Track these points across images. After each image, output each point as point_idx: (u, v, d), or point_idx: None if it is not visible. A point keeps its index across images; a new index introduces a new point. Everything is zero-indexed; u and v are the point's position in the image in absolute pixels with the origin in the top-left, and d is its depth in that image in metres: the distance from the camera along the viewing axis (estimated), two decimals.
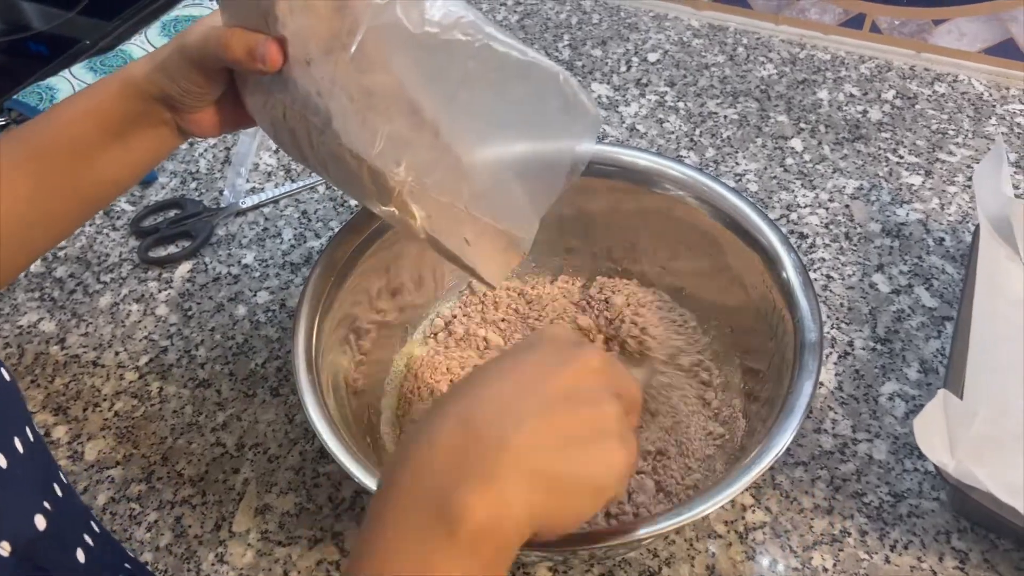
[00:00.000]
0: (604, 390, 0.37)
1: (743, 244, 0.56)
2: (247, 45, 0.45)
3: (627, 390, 0.38)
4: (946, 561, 0.52)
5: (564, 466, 0.34)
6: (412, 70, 0.45)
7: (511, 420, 0.34)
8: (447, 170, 0.47)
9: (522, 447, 0.34)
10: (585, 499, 0.35)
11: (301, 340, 0.52)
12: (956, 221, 0.73)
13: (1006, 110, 0.83)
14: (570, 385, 0.36)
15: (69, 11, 1.03)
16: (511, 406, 0.35)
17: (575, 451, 0.34)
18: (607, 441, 0.35)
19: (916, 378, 0.62)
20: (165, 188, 0.82)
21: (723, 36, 0.94)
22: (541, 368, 0.37)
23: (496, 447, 0.34)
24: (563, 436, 0.34)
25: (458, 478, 0.33)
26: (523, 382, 0.36)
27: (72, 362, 0.67)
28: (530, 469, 0.33)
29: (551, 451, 0.34)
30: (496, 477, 0.33)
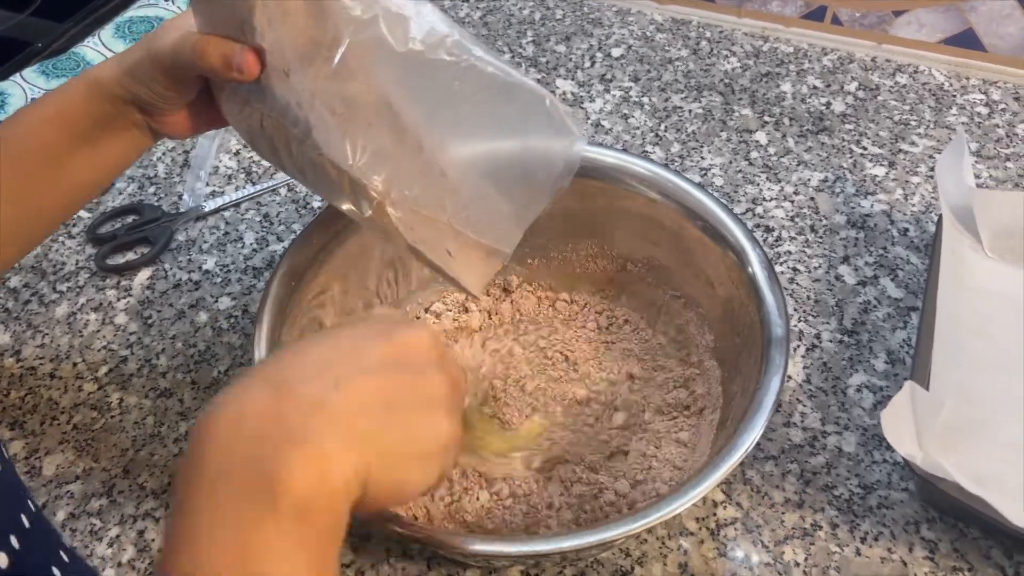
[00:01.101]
0: (433, 364, 0.36)
1: (709, 240, 0.56)
2: (223, 54, 0.44)
3: (453, 371, 0.37)
4: (916, 551, 0.52)
5: (388, 429, 0.33)
6: (395, 85, 0.44)
7: (330, 380, 0.32)
8: (430, 184, 0.47)
9: (342, 406, 0.32)
10: (412, 465, 0.34)
11: (263, 347, 0.51)
12: (920, 211, 0.73)
13: (966, 100, 0.83)
14: (395, 354, 0.35)
15: (20, 13, 1.01)
16: (330, 367, 0.33)
17: (399, 415, 0.33)
18: (433, 409, 0.34)
19: (883, 369, 0.62)
20: (122, 193, 0.80)
21: (686, 30, 0.94)
22: (364, 337, 0.35)
23: (313, 407, 0.31)
24: (386, 399, 0.33)
25: (274, 444, 0.30)
26: (344, 348, 0.34)
27: (28, 374, 0.65)
28: (352, 433, 0.32)
29: (373, 416, 0.32)
30: (315, 438, 0.31)
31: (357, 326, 0.37)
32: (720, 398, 0.55)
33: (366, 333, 0.36)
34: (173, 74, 0.47)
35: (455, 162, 0.47)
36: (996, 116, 0.81)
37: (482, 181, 0.48)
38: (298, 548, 0.30)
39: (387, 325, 0.37)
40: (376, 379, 0.33)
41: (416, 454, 0.34)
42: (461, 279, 0.50)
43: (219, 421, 0.32)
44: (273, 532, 0.30)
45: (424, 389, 0.35)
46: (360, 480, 0.32)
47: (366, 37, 0.43)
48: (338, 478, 0.31)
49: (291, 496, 0.30)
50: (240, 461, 0.31)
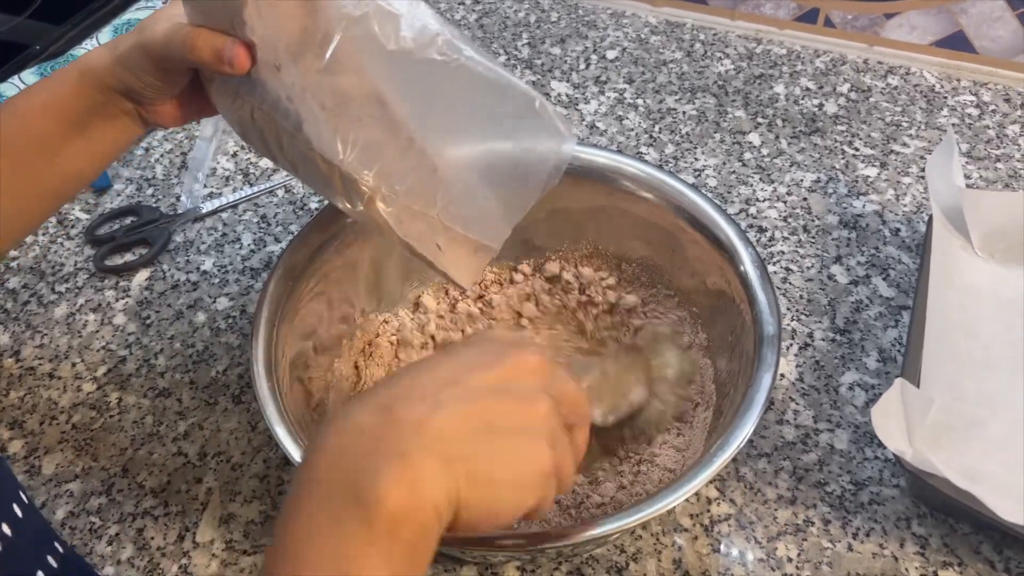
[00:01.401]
0: (538, 389, 0.36)
1: (703, 240, 0.56)
2: (214, 47, 0.44)
3: (567, 395, 0.37)
4: (907, 547, 0.53)
5: (484, 456, 0.33)
6: (387, 82, 0.45)
7: (430, 404, 0.33)
8: (420, 179, 0.47)
9: (440, 430, 0.33)
10: (506, 493, 0.34)
11: (261, 346, 0.51)
12: (911, 211, 0.74)
13: (957, 101, 0.84)
14: (501, 380, 0.35)
15: (18, 16, 1.01)
16: (433, 393, 0.34)
17: (497, 442, 0.34)
18: (533, 439, 0.34)
19: (875, 367, 0.63)
20: (121, 195, 0.80)
21: (680, 32, 0.95)
22: (473, 362, 0.36)
23: (413, 430, 0.32)
24: (485, 426, 0.34)
25: (374, 462, 0.32)
26: (451, 373, 0.35)
27: (27, 374, 0.66)
28: (448, 454, 0.32)
29: (471, 439, 0.33)
30: (412, 459, 0.32)
31: (471, 348, 0.37)
32: (713, 396, 0.56)
33: (477, 356, 0.36)
34: (163, 65, 0.47)
35: (446, 158, 0.47)
36: (987, 117, 0.82)
37: (472, 178, 0.49)
38: (387, 561, 0.31)
39: (500, 348, 0.37)
40: (478, 404, 0.34)
41: (511, 480, 0.34)
42: (450, 272, 0.51)
43: (330, 437, 0.34)
44: (365, 543, 0.31)
45: (526, 419, 0.35)
46: (451, 502, 0.32)
47: (357, 34, 0.43)
48: (428, 497, 0.32)
49: (383, 510, 0.31)
50: (342, 474, 0.32)
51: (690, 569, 0.53)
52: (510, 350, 0.37)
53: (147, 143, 0.85)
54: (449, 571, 0.53)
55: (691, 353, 0.51)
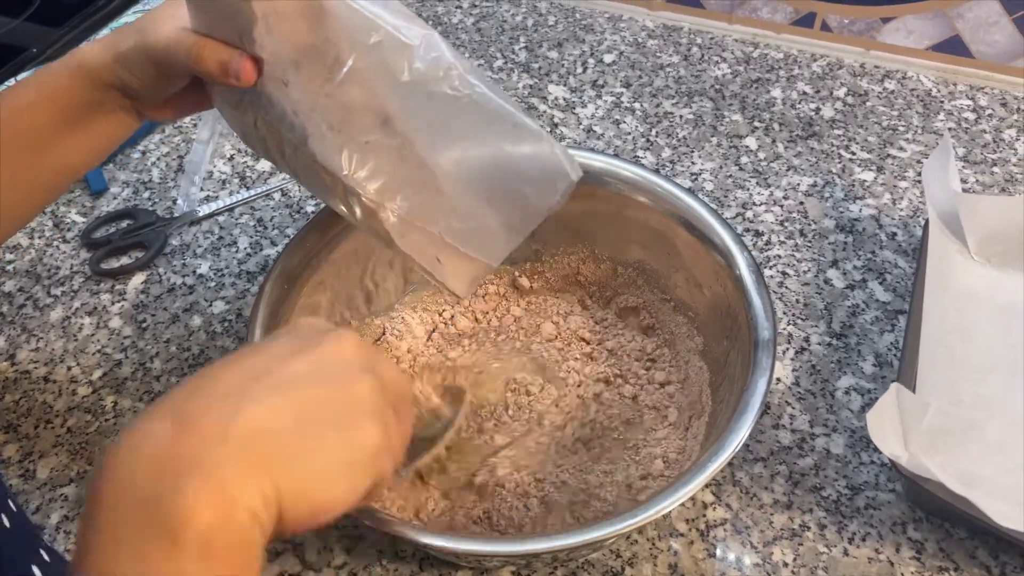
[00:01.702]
0: (357, 368, 0.34)
1: (699, 244, 0.56)
2: (220, 60, 0.44)
3: (388, 376, 0.36)
4: (903, 551, 0.53)
5: (302, 447, 0.31)
6: (396, 109, 0.45)
7: (231, 407, 0.31)
8: (424, 198, 0.48)
9: (245, 433, 0.30)
10: (335, 479, 0.32)
11: None
12: (908, 216, 0.74)
13: (953, 105, 0.84)
14: (312, 366, 0.33)
15: (16, 18, 1.01)
16: (234, 393, 0.31)
17: (316, 431, 0.32)
18: (355, 417, 0.33)
19: (871, 372, 0.63)
20: (117, 198, 0.80)
21: (677, 36, 0.95)
22: (283, 352, 0.34)
23: (214, 437, 0.30)
24: (299, 416, 0.32)
25: (172, 479, 0.29)
26: (255, 368, 0.33)
27: (22, 378, 0.66)
28: (258, 455, 0.30)
29: (283, 433, 0.31)
30: (215, 470, 0.29)
31: (277, 341, 0.35)
32: (709, 400, 0.56)
33: (284, 348, 0.34)
34: (165, 69, 0.47)
35: (451, 181, 0.47)
36: (983, 122, 0.82)
37: (476, 200, 0.49)
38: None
39: (307, 336, 0.35)
40: (287, 396, 0.32)
41: (337, 467, 0.32)
42: (448, 283, 0.51)
43: (119, 455, 0.30)
44: (175, 571, 0.28)
45: (344, 398, 0.33)
46: (271, 506, 0.30)
47: (370, 62, 0.43)
48: (243, 509, 0.29)
49: (192, 532, 0.28)
50: (139, 497, 0.29)
51: (686, 574, 0.53)
52: (325, 335, 0.35)
53: (144, 146, 0.85)
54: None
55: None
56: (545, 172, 0.48)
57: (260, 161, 0.83)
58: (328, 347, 0.34)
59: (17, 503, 0.43)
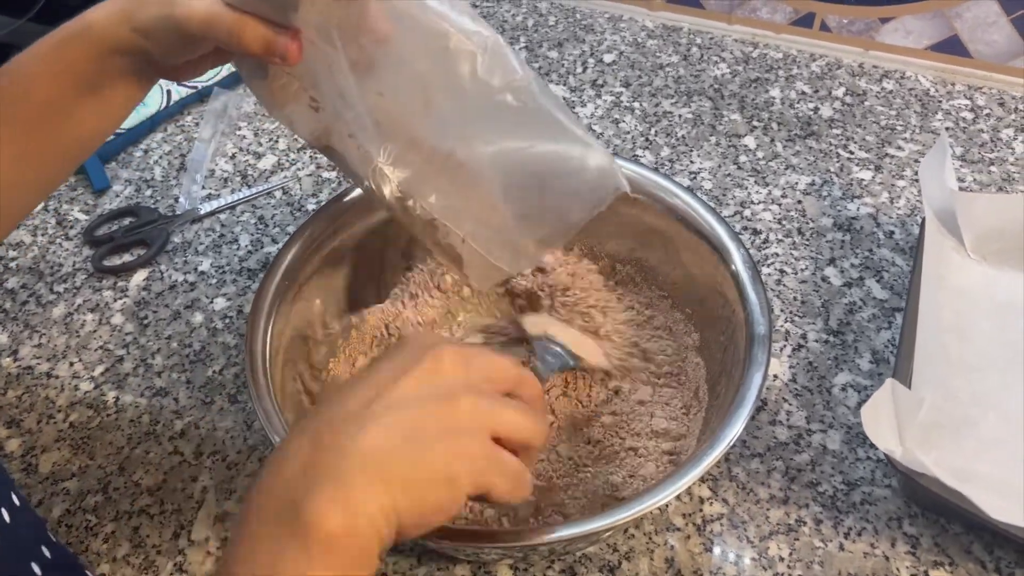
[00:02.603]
0: (457, 386, 0.37)
1: (696, 241, 0.57)
2: (264, 39, 0.43)
3: (491, 371, 0.39)
4: (898, 546, 0.53)
5: (411, 463, 0.35)
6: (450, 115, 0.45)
7: (354, 427, 0.35)
8: (457, 201, 0.48)
9: (366, 450, 0.34)
10: (440, 491, 0.35)
11: (256, 346, 0.52)
12: (905, 214, 0.74)
13: (951, 105, 0.85)
14: (419, 385, 0.37)
15: (19, 18, 1.02)
16: (356, 414, 0.36)
17: (422, 448, 0.35)
18: (456, 436, 0.36)
19: (868, 369, 0.63)
20: (119, 196, 0.81)
21: (677, 36, 0.95)
22: (390, 375, 0.37)
23: (339, 453, 0.34)
24: (407, 435, 0.35)
25: (307, 486, 0.33)
26: (372, 389, 0.37)
27: (25, 374, 0.66)
28: (377, 470, 0.34)
29: (396, 451, 0.35)
30: (342, 481, 0.33)
31: (388, 360, 0.38)
32: (705, 396, 0.56)
33: (393, 367, 0.37)
34: (193, 43, 0.45)
35: (491, 191, 0.47)
36: (981, 121, 0.83)
37: (512, 215, 0.49)
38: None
39: (413, 353, 0.38)
40: (400, 415, 0.36)
41: (442, 481, 0.35)
42: (470, 277, 0.52)
43: (265, 472, 0.35)
44: (303, 564, 0.32)
45: (447, 419, 0.36)
46: (388, 516, 0.34)
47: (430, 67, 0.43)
48: (363, 515, 0.33)
49: (319, 532, 0.32)
50: (279, 499, 0.34)
51: (682, 568, 0.53)
52: (424, 353, 0.38)
53: (146, 145, 0.86)
54: (443, 569, 0.53)
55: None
56: (595, 184, 0.47)
57: (261, 159, 0.83)
58: (427, 366, 0.37)
59: (21, 496, 0.43)
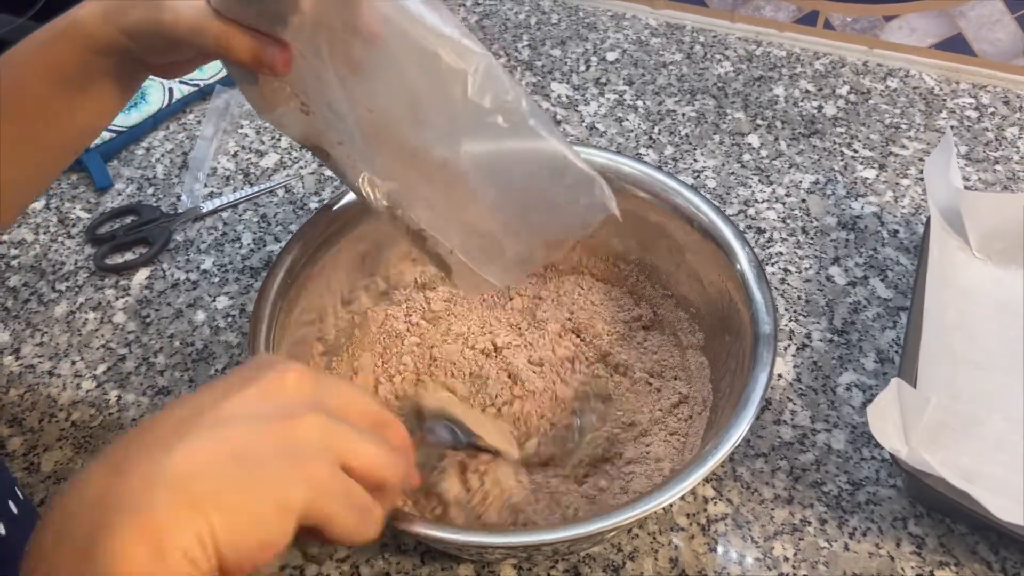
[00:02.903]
0: (300, 405, 0.33)
1: (700, 239, 0.56)
2: (252, 50, 0.42)
3: (345, 402, 0.35)
4: (903, 546, 0.53)
5: (234, 487, 0.30)
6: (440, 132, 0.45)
7: (164, 448, 0.30)
8: (445, 215, 0.48)
9: (178, 473, 0.29)
10: (269, 518, 0.30)
11: (260, 345, 0.52)
12: (909, 213, 0.74)
13: (956, 104, 0.84)
14: (250, 404, 0.32)
15: (20, 16, 1.02)
16: (169, 435, 0.31)
17: (248, 470, 0.30)
18: (297, 455, 0.31)
19: (873, 368, 0.63)
20: (121, 194, 0.80)
21: (680, 35, 0.95)
22: (218, 393, 0.33)
23: (144, 478, 0.29)
24: (236, 453, 0.30)
25: (104, 525, 0.28)
26: (197, 405, 0.32)
27: (27, 372, 0.66)
28: (192, 492, 0.29)
29: (217, 473, 0.30)
30: (147, 511, 0.28)
31: (220, 380, 0.34)
32: (710, 396, 0.56)
33: (223, 387, 0.33)
34: (180, 48, 0.44)
35: (480, 207, 0.47)
36: (985, 120, 0.82)
37: (501, 230, 0.48)
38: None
39: (254, 371, 0.34)
40: (226, 431, 0.31)
41: (271, 506, 0.30)
42: (458, 285, 0.52)
43: (58, 506, 0.30)
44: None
45: (284, 435, 0.32)
46: (207, 546, 0.29)
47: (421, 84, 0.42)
48: (174, 550, 0.28)
49: (124, 573, 0.27)
50: (71, 549, 0.28)
51: (687, 568, 0.53)
52: (267, 370, 0.34)
53: (148, 143, 0.86)
54: (446, 569, 0.53)
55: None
56: (584, 205, 0.46)
57: (264, 158, 0.83)
58: (267, 382, 0.33)
59: (26, 496, 0.43)
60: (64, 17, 0.46)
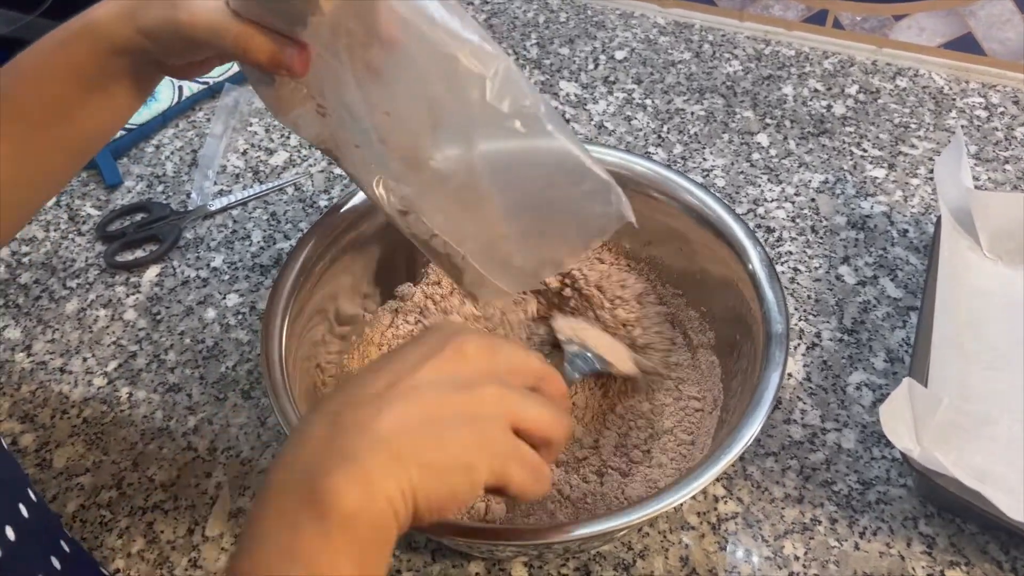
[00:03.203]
0: (480, 374, 0.37)
1: (711, 239, 0.56)
2: (270, 52, 0.43)
3: (516, 365, 0.39)
4: (914, 546, 0.53)
5: (429, 446, 0.34)
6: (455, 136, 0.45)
7: (373, 408, 0.35)
8: (458, 219, 0.48)
9: (385, 430, 0.34)
10: (458, 477, 0.35)
11: (271, 342, 0.52)
12: (919, 213, 0.74)
13: (965, 103, 0.84)
14: (441, 372, 0.36)
15: (29, 14, 1.02)
16: (375, 396, 0.35)
17: (441, 432, 0.35)
18: (477, 423, 0.35)
19: (883, 367, 0.63)
20: (131, 192, 0.81)
21: (689, 33, 0.95)
22: (413, 360, 0.37)
23: (358, 433, 0.34)
24: (429, 418, 0.35)
25: (325, 465, 0.33)
26: (392, 374, 0.36)
27: (39, 369, 0.66)
28: (396, 450, 0.33)
29: (415, 433, 0.34)
30: (361, 460, 0.33)
31: (413, 346, 0.38)
32: (721, 395, 0.56)
33: (417, 353, 0.37)
34: (198, 49, 0.45)
35: (493, 213, 0.47)
36: (995, 119, 0.82)
37: (513, 236, 0.49)
38: (344, 557, 0.32)
39: (439, 340, 0.38)
40: (421, 399, 0.35)
41: (460, 467, 0.35)
42: (471, 291, 0.52)
43: (284, 451, 0.35)
44: (321, 541, 0.32)
45: (469, 406, 0.36)
46: (406, 497, 0.33)
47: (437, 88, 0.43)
48: (380, 493, 0.33)
49: (337, 510, 0.32)
50: (297, 479, 0.33)
51: (697, 567, 0.53)
52: (449, 339, 0.38)
53: (157, 141, 0.86)
54: (457, 567, 0.53)
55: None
56: (599, 212, 0.46)
57: (273, 155, 0.83)
58: (452, 351, 0.37)
59: (38, 495, 0.43)
60: (80, 18, 0.46)
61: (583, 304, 0.62)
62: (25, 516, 0.41)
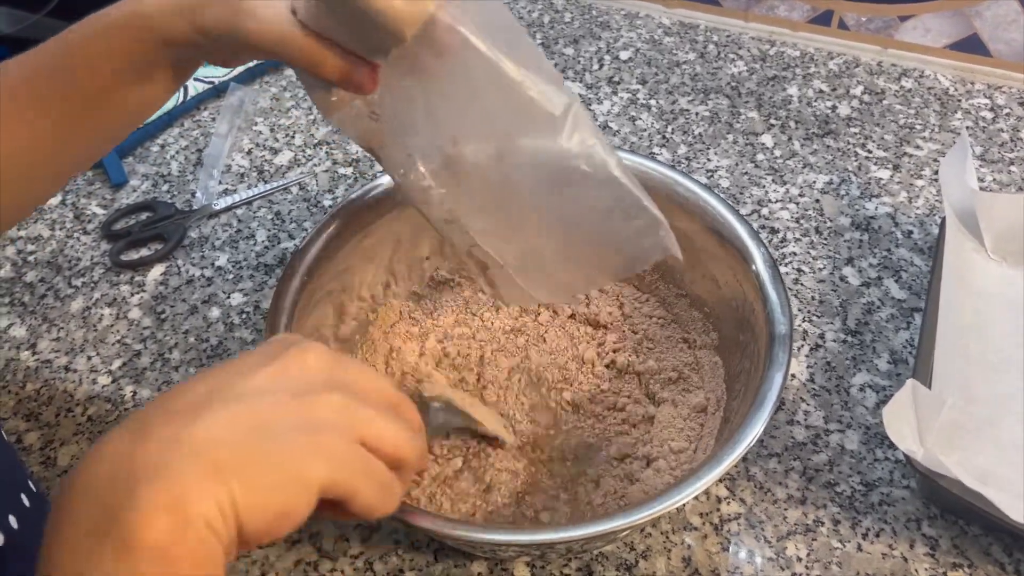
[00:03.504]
0: (321, 384, 0.34)
1: (715, 239, 0.56)
2: (342, 70, 0.41)
3: (362, 383, 0.36)
4: (917, 548, 0.53)
5: (256, 457, 0.30)
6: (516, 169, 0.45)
7: (188, 417, 0.30)
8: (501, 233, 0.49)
9: (199, 440, 0.30)
10: (288, 491, 0.31)
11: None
12: (924, 214, 0.74)
13: (971, 104, 0.84)
14: (276, 379, 0.33)
15: (36, 13, 1.02)
16: (196, 402, 0.31)
17: (269, 442, 0.31)
18: (314, 431, 0.32)
19: (886, 369, 0.63)
20: (136, 191, 0.81)
21: (694, 34, 0.95)
22: (242, 368, 0.33)
23: (167, 444, 0.29)
24: (256, 427, 0.31)
25: (128, 487, 0.28)
26: (220, 380, 0.33)
27: (43, 367, 0.67)
28: (213, 463, 0.29)
29: (238, 443, 0.30)
30: (171, 476, 0.29)
31: (243, 357, 0.35)
32: (724, 395, 0.56)
33: (247, 363, 0.34)
34: (258, 54, 0.43)
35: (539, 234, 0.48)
36: (1000, 120, 0.82)
37: (554, 256, 0.49)
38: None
39: (277, 349, 0.35)
40: (248, 405, 0.32)
41: (291, 480, 0.31)
42: (500, 293, 0.53)
43: (78, 470, 0.30)
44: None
45: (303, 411, 0.32)
46: (228, 514, 0.29)
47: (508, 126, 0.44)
48: (196, 515, 0.28)
49: (144, 544, 0.28)
50: (95, 508, 0.29)
51: (700, 567, 0.53)
52: (289, 348, 0.35)
53: (162, 140, 0.86)
54: (459, 566, 0.53)
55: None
56: (646, 245, 0.47)
57: (278, 155, 0.83)
58: (289, 360, 0.34)
59: (38, 485, 0.44)
60: (122, 6, 0.44)
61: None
62: (27, 505, 0.42)
